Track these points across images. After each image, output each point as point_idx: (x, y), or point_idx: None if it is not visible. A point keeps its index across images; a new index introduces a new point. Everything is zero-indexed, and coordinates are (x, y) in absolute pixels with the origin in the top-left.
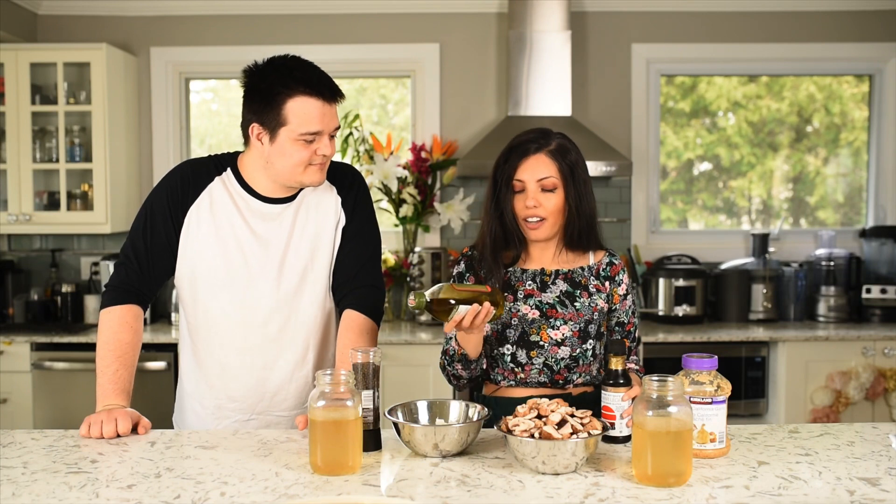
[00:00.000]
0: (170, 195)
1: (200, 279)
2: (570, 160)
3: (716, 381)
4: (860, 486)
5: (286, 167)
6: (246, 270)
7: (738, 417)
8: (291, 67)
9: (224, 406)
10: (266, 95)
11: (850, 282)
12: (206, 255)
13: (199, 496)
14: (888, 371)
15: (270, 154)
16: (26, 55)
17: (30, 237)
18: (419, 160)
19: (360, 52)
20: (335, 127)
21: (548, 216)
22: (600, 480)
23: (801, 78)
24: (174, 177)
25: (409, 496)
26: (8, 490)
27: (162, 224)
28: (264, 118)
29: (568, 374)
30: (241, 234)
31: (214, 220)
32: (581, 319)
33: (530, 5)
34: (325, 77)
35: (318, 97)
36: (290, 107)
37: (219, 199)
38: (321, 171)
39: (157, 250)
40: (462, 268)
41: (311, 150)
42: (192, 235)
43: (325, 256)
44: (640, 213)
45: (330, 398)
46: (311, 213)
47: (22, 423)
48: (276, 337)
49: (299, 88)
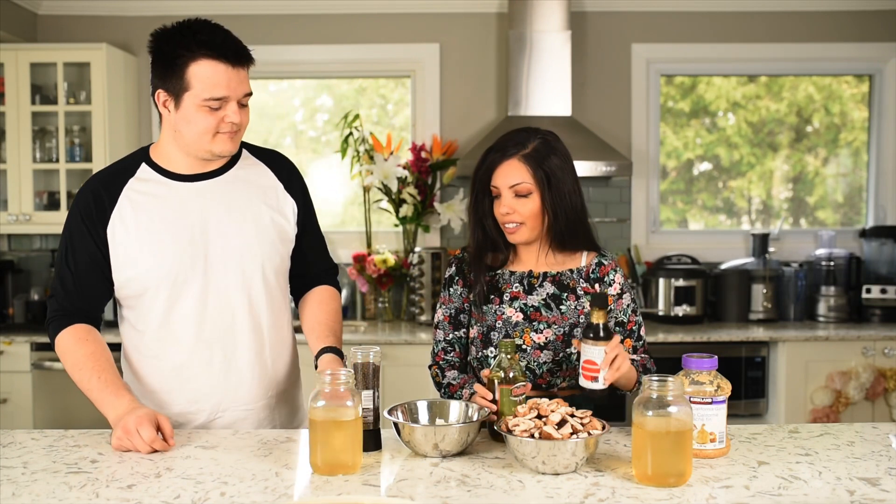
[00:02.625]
0: (84, 215)
1: (142, 284)
2: (548, 164)
3: (716, 381)
4: (860, 486)
5: (193, 135)
6: (190, 262)
7: (738, 417)
8: (195, 30)
9: (186, 411)
10: (169, 59)
11: (850, 282)
12: (142, 258)
13: (199, 496)
14: (888, 371)
15: (177, 122)
16: (26, 55)
17: (30, 237)
18: (419, 160)
19: (360, 52)
20: (245, 93)
21: (525, 220)
22: (600, 480)
23: (800, 78)
24: (84, 195)
25: (409, 496)
26: (8, 490)
27: (83, 246)
28: (168, 84)
29: (551, 377)
30: (176, 225)
31: (140, 221)
32: (566, 323)
33: (530, 5)
34: (231, 39)
35: (221, 60)
36: (192, 71)
37: (138, 199)
38: (231, 139)
39: (85, 272)
40: (453, 270)
41: (217, 118)
42: (121, 244)
43: (273, 236)
44: (640, 213)
45: (330, 398)
46: (247, 188)
47: (22, 423)
48: (230, 325)
49: (202, 51)
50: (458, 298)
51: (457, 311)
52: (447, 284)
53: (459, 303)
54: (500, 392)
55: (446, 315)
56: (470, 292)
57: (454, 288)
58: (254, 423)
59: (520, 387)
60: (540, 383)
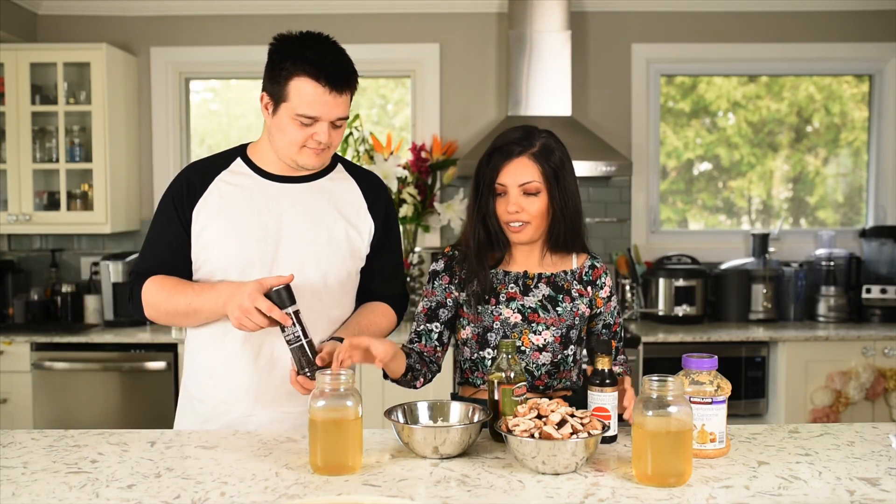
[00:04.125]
0: (175, 198)
1: (212, 268)
2: (555, 162)
3: (716, 381)
4: (860, 486)
5: (282, 143)
6: (259, 255)
7: (738, 417)
8: (308, 46)
9: (225, 400)
10: (276, 67)
11: (850, 282)
12: (216, 243)
13: (199, 496)
14: (888, 371)
15: (272, 126)
16: (26, 55)
17: (30, 237)
18: (419, 160)
19: (360, 52)
20: (338, 116)
21: (531, 220)
22: (600, 480)
23: (800, 78)
24: (179, 181)
25: (409, 496)
26: (8, 490)
27: (170, 228)
28: (272, 89)
29: (549, 379)
30: (253, 219)
31: (222, 209)
32: (563, 325)
33: (530, 5)
34: (339, 63)
35: (321, 82)
36: (293, 84)
37: (228, 191)
38: (317, 155)
39: (169, 252)
40: (440, 266)
41: (306, 133)
42: (202, 228)
43: (345, 250)
44: (640, 213)
45: (330, 398)
46: (330, 199)
47: (22, 423)
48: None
49: (305, 68)
50: (442, 292)
51: (438, 304)
52: (432, 278)
53: (442, 297)
54: (501, 392)
55: (425, 307)
56: (458, 289)
57: (439, 282)
58: (289, 427)
59: (520, 387)
60: (538, 385)
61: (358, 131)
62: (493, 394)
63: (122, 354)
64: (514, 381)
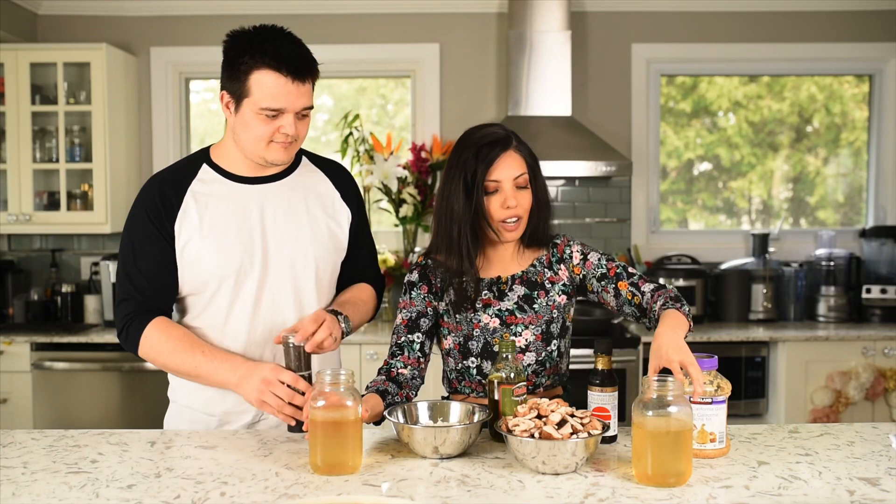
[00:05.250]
0: (150, 213)
1: (203, 281)
2: (531, 153)
3: (716, 381)
4: (860, 486)
5: (248, 140)
6: (249, 262)
7: (738, 417)
8: (264, 38)
9: (234, 410)
10: (234, 63)
11: (850, 282)
12: (207, 256)
13: (199, 496)
14: (888, 371)
15: (235, 125)
16: (26, 55)
17: (30, 237)
18: (419, 160)
19: (360, 52)
20: (303, 106)
21: (523, 214)
22: (600, 480)
23: (801, 78)
24: (149, 195)
25: (409, 496)
26: (8, 490)
27: (152, 245)
28: (231, 86)
29: (536, 378)
30: (239, 226)
31: (204, 220)
32: (541, 321)
33: (530, 5)
34: (298, 53)
35: (283, 73)
36: (254, 78)
37: (204, 201)
38: (285, 149)
39: (156, 271)
40: (415, 276)
41: (272, 127)
42: (187, 242)
43: (328, 243)
44: (640, 213)
45: (330, 398)
46: (305, 194)
47: (22, 423)
48: (281, 328)
49: (265, 60)
50: (422, 302)
51: (418, 314)
52: (408, 289)
53: (422, 306)
54: (502, 392)
55: (405, 318)
56: (436, 299)
57: (417, 292)
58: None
59: (520, 387)
60: (528, 385)
61: (358, 131)
62: (493, 394)
63: (122, 354)
64: (514, 381)
